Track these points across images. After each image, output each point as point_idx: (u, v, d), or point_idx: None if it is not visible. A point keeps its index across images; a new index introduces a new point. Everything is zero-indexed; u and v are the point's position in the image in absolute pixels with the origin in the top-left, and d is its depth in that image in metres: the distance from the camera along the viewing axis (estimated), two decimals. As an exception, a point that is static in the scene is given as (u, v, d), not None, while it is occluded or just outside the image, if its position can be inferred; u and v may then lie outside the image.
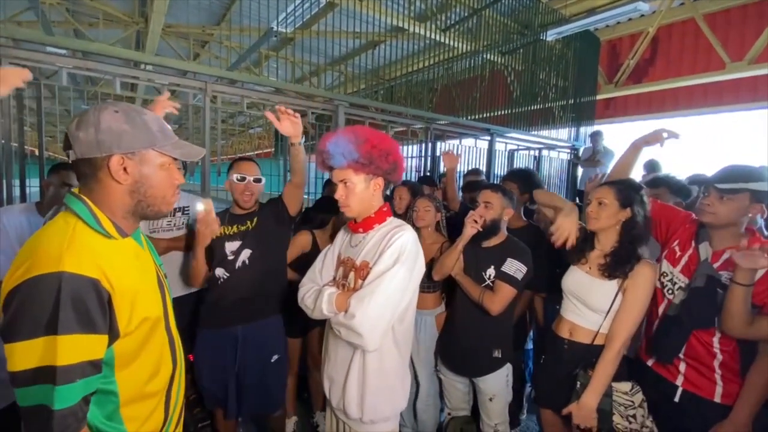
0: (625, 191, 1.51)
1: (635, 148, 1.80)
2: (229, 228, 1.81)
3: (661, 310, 1.52)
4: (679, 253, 1.51)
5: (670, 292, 1.50)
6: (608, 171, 2.09)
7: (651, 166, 3.63)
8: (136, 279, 0.85)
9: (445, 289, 2.09)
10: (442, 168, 4.22)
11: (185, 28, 5.58)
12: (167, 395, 0.94)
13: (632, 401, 1.48)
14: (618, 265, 1.49)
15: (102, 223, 0.82)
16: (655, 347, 1.52)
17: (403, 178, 1.58)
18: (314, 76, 6.77)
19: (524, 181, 2.45)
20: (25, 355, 0.70)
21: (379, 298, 1.14)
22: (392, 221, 1.32)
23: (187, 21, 5.26)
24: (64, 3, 4.91)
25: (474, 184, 2.84)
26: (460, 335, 1.86)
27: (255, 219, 1.84)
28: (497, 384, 1.81)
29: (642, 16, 4.88)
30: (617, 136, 6.02)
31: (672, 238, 1.57)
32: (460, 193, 3.23)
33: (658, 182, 2.28)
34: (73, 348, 0.71)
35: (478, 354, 1.80)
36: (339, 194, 1.25)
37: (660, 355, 1.51)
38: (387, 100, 5.06)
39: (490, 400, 1.81)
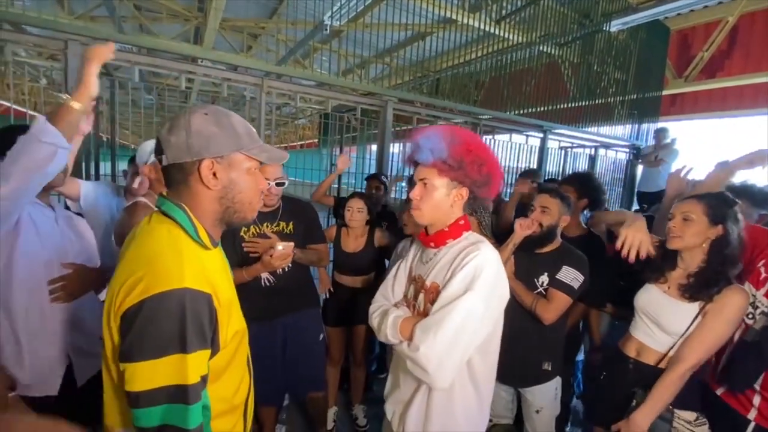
0: (717, 206, 1.36)
1: (730, 171, 1.62)
2: (259, 227, 1.78)
3: (737, 335, 1.39)
4: (764, 275, 1.37)
5: (750, 316, 1.37)
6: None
7: (724, 170, 3.30)
8: (230, 291, 0.83)
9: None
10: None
11: (240, 22, 5.75)
12: (245, 407, 0.91)
13: (695, 432, 1.38)
14: (703, 288, 1.35)
15: (200, 233, 0.80)
16: (728, 375, 1.40)
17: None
18: (362, 68, 6.77)
19: (583, 184, 2.26)
20: (154, 373, 0.66)
21: (448, 329, 0.98)
22: (469, 237, 1.14)
23: (245, 14, 5.41)
24: (132, -1, 5.22)
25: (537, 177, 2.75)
26: (509, 343, 1.78)
27: (291, 223, 1.85)
28: (545, 397, 1.75)
29: (720, 3, 4.43)
30: (684, 134, 5.55)
31: (757, 258, 1.42)
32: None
33: (737, 192, 2.06)
34: (197, 365, 0.69)
35: (526, 364, 1.74)
36: (414, 193, 1.11)
37: (732, 383, 1.38)
38: (433, 93, 4.96)
39: (537, 412, 1.75)
